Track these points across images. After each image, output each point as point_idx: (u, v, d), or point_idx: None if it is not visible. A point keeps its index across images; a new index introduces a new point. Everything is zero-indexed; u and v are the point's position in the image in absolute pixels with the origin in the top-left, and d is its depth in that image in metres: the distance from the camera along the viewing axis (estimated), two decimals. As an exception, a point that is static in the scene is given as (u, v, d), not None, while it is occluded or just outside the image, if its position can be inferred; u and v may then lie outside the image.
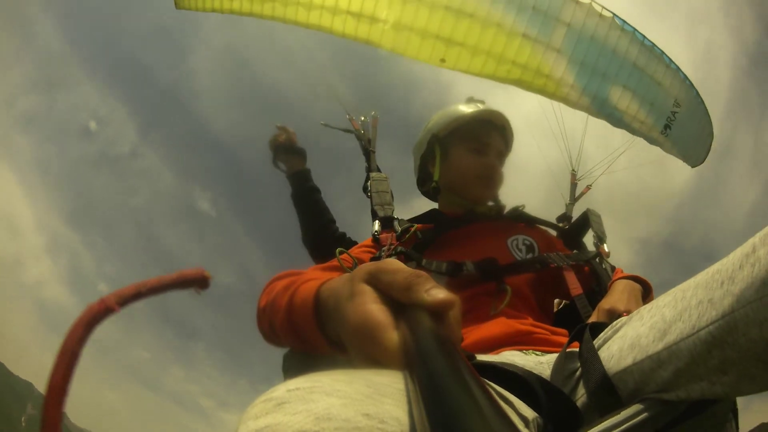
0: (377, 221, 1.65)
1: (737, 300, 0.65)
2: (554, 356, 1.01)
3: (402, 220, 1.65)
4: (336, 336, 0.73)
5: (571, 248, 1.79)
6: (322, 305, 0.79)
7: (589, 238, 1.85)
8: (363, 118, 2.30)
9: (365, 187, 1.92)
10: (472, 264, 1.41)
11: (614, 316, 1.18)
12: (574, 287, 1.47)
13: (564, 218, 2.02)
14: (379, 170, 2.03)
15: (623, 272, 1.52)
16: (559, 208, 2.22)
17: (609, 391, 0.79)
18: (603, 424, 0.70)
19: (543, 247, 1.64)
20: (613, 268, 1.60)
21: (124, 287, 0.66)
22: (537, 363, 1.03)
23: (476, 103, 1.90)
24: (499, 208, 1.83)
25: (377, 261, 0.68)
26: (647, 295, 1.39)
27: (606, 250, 1.70)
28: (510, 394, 0.73)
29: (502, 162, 1.86)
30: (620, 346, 0.82)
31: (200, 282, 0.73)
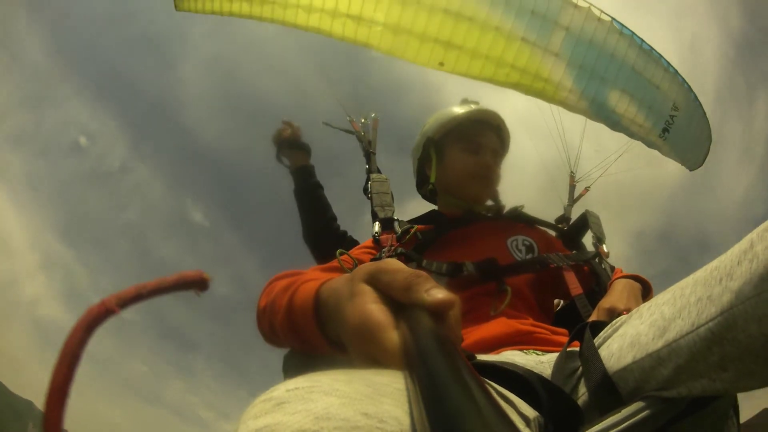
0: (377, 222, 1.65)
1: (736, 296, 0.65)
2: (555, 356, 1.00)
3: (402, 222, 1.65)
4: (336, 336, 0.73)
5: (571, 249, 1.79)
6: (322, 305, 0.79)
7: (588, 239, 1.84)
8: (363, 120, 2.30)
9: (365, 188, 1.92)
10: (472, 264, 1.41)
11: (614, 315, 1.18)
12: (574, 287, 1.47)
13: (563, 219, 2.02)
14: (380, 171, 2.03)
15: (623, 272, 1.52)
16: (556, 208, 2.23)
17: (610, 390, 0.78)
18: (604, 423, 0.70)
19: (542, 248, 1.64)
20: (613, 268, 1.61)
21: (125, 289, 0.66)
22: (538, 362, 1.02)
23: (470, 104, 1.91)
24: (498, 208, 1.84)
25: (377, 261, 0.68)
26: (647, 294, 1.39)
27: (605, 251, 1.70)
28: (511, 394, 0.73)
29: (499, 161, 1.87)
30: (620, 345, 0.82)
31: (200, 284, 0.73)
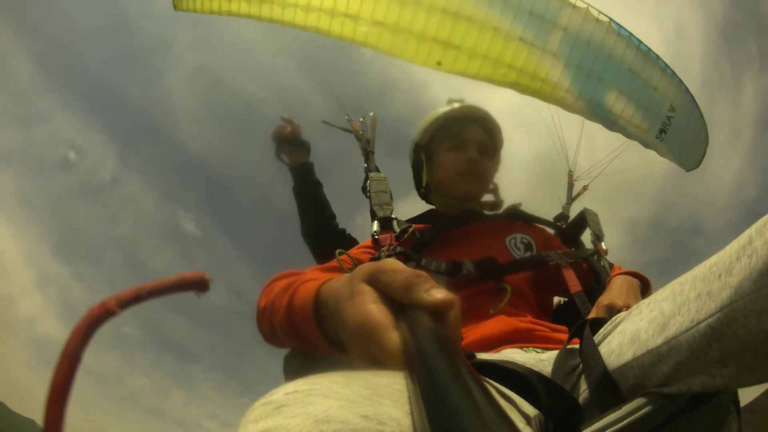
0: (376, 222, 1.65)
1: (735, 292, 0.65)
2: (555, 353, 1.01)
3: (401, 221, 1.65)
4: (336, 336, 0.74)
5: (569, 246, 1.80)
6: (322, 305, 0.79)
7: (587, 237, 1.84)
8: (362, 119, 2.29)
9: (364, 187, 1.92)
10: (471, 263, 1.41)
11: (613, 312, 1.18)
12: (573, 284, 1.47)
13: (561, 218, 2.03)
14: (378, 170, 2.02)
15: (621, 268, 1.52)
16: (553, 203, 2.23)
17: (610, 387, 0.79)
18: (604, 420, 0.70)
19: (541, 246, 1.65)
20: (611, 265, 1.61)
21: (125, 290, 0.66)
22: (537, 360, 1.03)
23: (453, 104, 1.94)
24: (494, 203, 1.85)
25: (377, 261, 0.68)
26: (646, 290, 1.39)
27: (604, 248, 1.70)
28: (511, 392, 0.73)
29: (489, 154, 1.87)
30: (620, 342, 0.82)
31: (200, 285, 0.73)
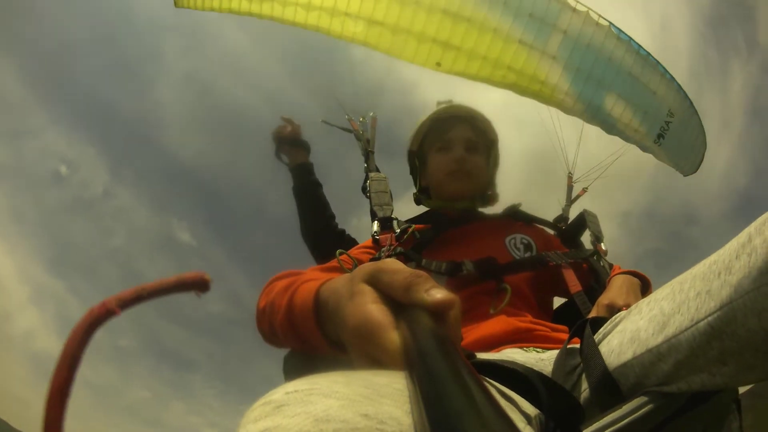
0: (376, 222, 1.65)
1: (735, 290, 0.65)
2: (555, 353, 1.00)
3: (401, 221, 1.65)
4: (336, 336, 0.73)
5: (569, 247, 1.79)
6: (322, 305, 0.79)
7: (586, 239, 1.84)
8: (362, 119, 2.29)
9: (364, 187, 1.92)
10: (471, 263, 1.41)
11: (613, 311, 1.18)
12: (573, 284, 1.47)
13: (561, 219, 2.03)
14: (378, 170, 2.03)
15: (621, 268, 1.52)
16: (550, 200, 2.24)
17: (610, 386, 0.79)
18: (605, 419, 0.70)
19: (541, 246, 1.64)
20: (611, 266, 1.61)
21: (125, 290, 0.66)
22: (538, 360, 1.03)
23: (442, 105, 1.95)
24: (487, 198, 1.86)
25: (377, 261, 0.68)
26: (645, 290, 1.39)
27: (603, 249, 1.70)
28: (512, 392, 0.73)
29: (480, 150, 1.86)
30: (620, 341, 0.82)
31: (200, 285, 0.73)
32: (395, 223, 1.62)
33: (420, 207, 1.98)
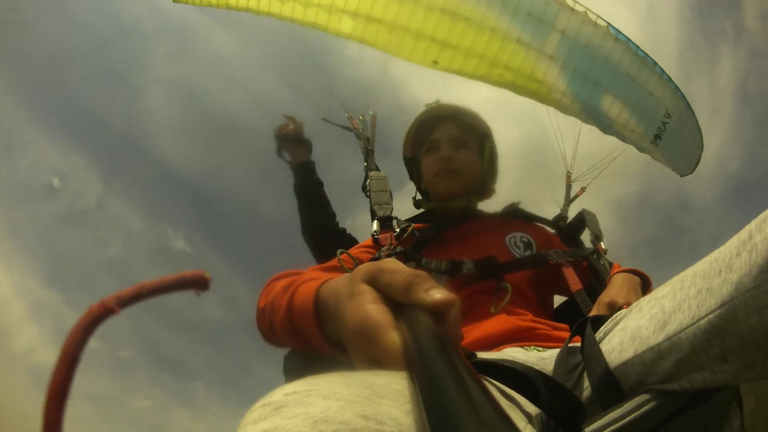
0: (376, 221, 1.64)
1: (736, 288, 0.65)
2: (556, 351, 1.01)
3: (400, 220, 1.64)
4: (336, 336, 0.73)
5: (569, 246, 1.79)
6: (322, 305, 0.79)
7: (585, 238, 1.85)
8: (362, 117, 2.28)
9: (364, 186, 1.92)
10: (471, 262, 1.40)
11: (614, 309, 1.19)
12: (574, 283, 1.47)
13: (560, 219, 2.02)
14: (378, 169, 2.02)
15: (621, 267, 1.52)
16: (541, 196, 2.24)
17: (612, 385, 0.79)
18: (606, 417, 0.70)
19: (541, 244, 1.64)
20: (611, 264, 1.61)
21: (125, 289, 0.65)
22: (539, 359, 1.03)
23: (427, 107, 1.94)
24: (481, 193, 1.85)
25: (377, 261, 0.68)
26: (646, 288, 1.39)
27: (603, 247, 1.70)
28: (513, 391, 0.73)
29: (469, 146, 1.84)
30: (621, 339, 0.82)
31: (200, 283, 0.72)
32: (395, 223, 1.61)
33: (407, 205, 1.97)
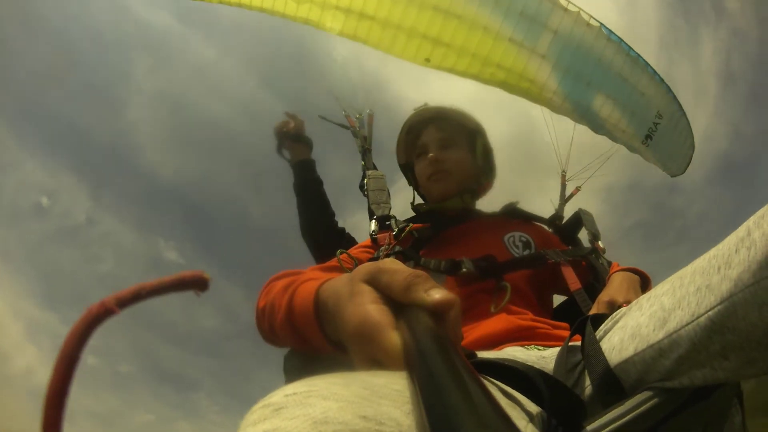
0: (374, 221, 1.64)
1: (735, 284, 0.65)
2: (556, 350, 1.01)
3: (399, 221, 1.64)
4: (336, 336, 0.73)
5: (567, 245, 1.80)
6: (322, 305, 0.79)
7: (584, 238, 1.85)
8: (359, 115, 2.26)
9: (362, 185, 1.91)
10: (470, 261, 1.40)
11: (614, 308, 1.19)
12: (573, 282, 1.46)
13: (556, 218, 2.03)
14: (376, 168, 2.01)
15: (620, 266, 1.53)
16: (528, 188, 2.25)
17: (612, 383, 0.79)
18: (607, 416, 0.70)
19: (540, 244, 1.64)
20: (610, 263, 1.61)
21: (124, 289, 0.64)
22: (539, 357, 1.03)
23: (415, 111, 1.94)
24: (479, 187, 1.85)
25: (377, 261, 0.68)
26: (645, 286, 1.39)
27: (601, 246, 1.70)
28: (514, 391, 0.73)
29: (458, 145, 1.83)
30: (621, 337, 0.82)
31: (199, 284, 0.71)
32: (393, 222, 1.61)
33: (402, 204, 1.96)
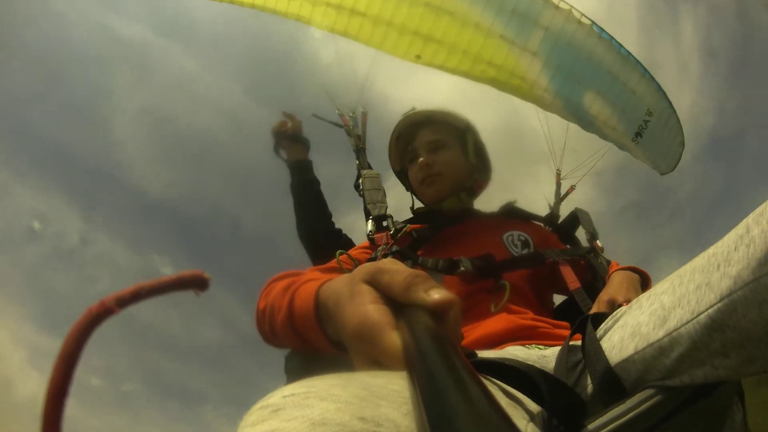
0: (370, 221, 1.63)
1: (734, 282, 0.65)
2: (557, 349, 1.01)
3: (397, 221, 1.64)
4: (337, 336, 0.72)
5: (566, 244, 1.81)
6: (322, 306, 0.78)
7: (582, 238, 1.85)
8: (352, 114, 2.24)
9: (357, 185, 1.89)
10: (469, 261, 1.40)
11: (614, 307, 1.19)
12: (572, 281, 1.47)
13: (552, 217, 2.02)
14: (370, 167, 1.99)
15: (619, 265, 1.53)
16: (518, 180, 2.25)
17: (613, 382, 0.79)
18: (608, 415, 0.70)
19: (538, 243, 1.64)
20: (609, 262, 1.62)
21: (124, 289, 0.64)
22: (540, 357, 1.03)
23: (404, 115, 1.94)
24: (470, 189, 1.84)
25: (377, 261, 0.67)
26: (645, 285, 1.39)
27: (600, 245, 1.71)
28: (514, 390, 0.73)
29: (449, 146, 1.82)
30: (621, 336, 0.82)
31: (199, 283, 0.70)
32: (390, 221, 1.61)
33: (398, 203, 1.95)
